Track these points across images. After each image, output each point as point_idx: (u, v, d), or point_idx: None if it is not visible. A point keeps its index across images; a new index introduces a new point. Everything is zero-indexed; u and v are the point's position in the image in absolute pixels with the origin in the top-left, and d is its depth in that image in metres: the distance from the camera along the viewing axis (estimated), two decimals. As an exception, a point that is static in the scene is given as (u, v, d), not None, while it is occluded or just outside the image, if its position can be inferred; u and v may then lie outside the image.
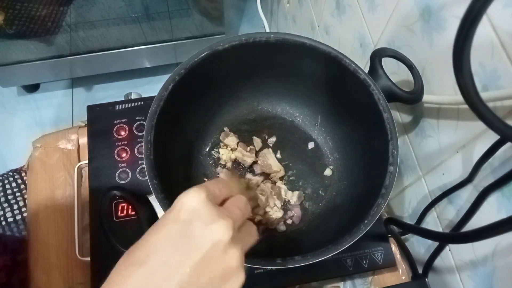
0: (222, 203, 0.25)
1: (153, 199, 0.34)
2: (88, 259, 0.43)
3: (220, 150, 0.48)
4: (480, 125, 0.29)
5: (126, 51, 0.96)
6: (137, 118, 0.50)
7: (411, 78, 0.37)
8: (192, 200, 0.22)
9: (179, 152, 0.44)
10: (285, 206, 0.45)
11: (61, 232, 0.48)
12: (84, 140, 0.52)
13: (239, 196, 0.26)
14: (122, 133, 0.49)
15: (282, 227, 0.44)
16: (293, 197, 0.45)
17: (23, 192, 0.90)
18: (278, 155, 0.48)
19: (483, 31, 0.28)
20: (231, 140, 0.47)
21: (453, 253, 0.37)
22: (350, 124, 0.45)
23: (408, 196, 0.45)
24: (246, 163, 0.47)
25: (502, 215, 0.29)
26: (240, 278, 0.22)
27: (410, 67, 0.38)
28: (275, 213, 0.44)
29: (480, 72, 0.29)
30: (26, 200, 0.84)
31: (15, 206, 0.89)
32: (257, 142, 0.49)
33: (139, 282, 0.20)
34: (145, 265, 0.20)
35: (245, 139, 0.49)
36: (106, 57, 0.96)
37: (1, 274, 0.45)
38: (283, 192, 0.45)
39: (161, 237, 0.21)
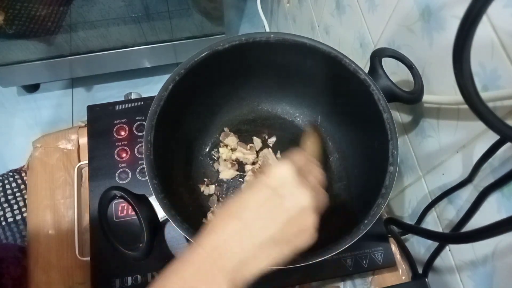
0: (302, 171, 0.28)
1: (153, 199, 0.34)
2: (88, 259, 0.43)
3: (220, 149, 0.48)
4: (480, 125, 0.29)
5: (126, 51, 0.96)
6: (137, 118, 0.50)
7: (411, 78, 0.37)
8: (284, 171, 0.26)
9: (179, 152, 0.44)
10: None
11: (61, 232, 0.48)
12: (84, 140, 0.52)
13: (317, 169, 0.30)
14: (122, 133, 0.49)
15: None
16: None
17: (23, 192, 0.91)
18: (278, 155, 0.48)
19: (483, 31, 0.28)
20: (231, 140, 0.47)
21: (453, 253, 0.37)
22: (350, 124, 0.45)
23: (408, 196, 0.45)
24: (248, 161, 0.47)
25: (502, 215, 0.29)
26: (312, 234, 0.26)
27: (410, 67, 0.38)
28: None
29: (480, 72, 0.29)
30: (26, 200, 0.84)
31: (15, 206, 0.89)
32: (257, 142, 0.49)
33: (237, 230, 0.24)
34: (241, 219, 0.24)
35: (245, 139, 0.49)
36: (106, 57, 0.96)
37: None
38: None
39: (256, 197, 0.25)
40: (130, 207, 0.45)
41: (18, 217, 0.88)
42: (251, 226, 0.24)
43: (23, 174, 0.92)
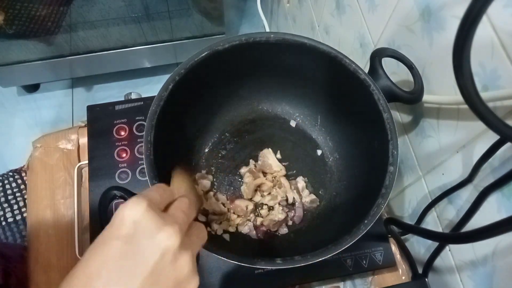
0: (165, 209, 0.23)
1: (153, 199, 0.34)
2: (88, 259, 0.43)
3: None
4: (480, 125, 0.29)
5: (126, 51, 0.96)
6: (137, 118, 0.50)
7: (411, 78, 0.37)
8: (132, 211, 0.20)
9: (179, 152, 0.44)
10: (287, 207, 0.45)
11: (61, 232, 0.48)
12: (84, 140, 0.52)
13: (181, 198, 0.25)
14: (122, 133, 0.49)
15: (284, 230, 0.44)
16: (307, 197, 0.45)
17: (23, 192, 0.91)
18: (278, 155, 0.48)
19: (483, 31, 0.28)
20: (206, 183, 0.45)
21: (453, 253, 0.37)
22: (350, 124, 0.45)
23: (408, 196, 0.45)
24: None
25: (502, 215, 0.29)
26: (194, 282, 0.21)
27: (410, 67, 0.38)
28: (278, 214, 0.44)
29: (480, 72, 0.29)
30: (26, 200, 0.84)
31: (15, 206, 0.89)
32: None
33: None
34: None
35: (245, 141, 0.49)
36: (106, 57, 0.96)
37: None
38: (291, 193, 0.45)
39: (103, 258, 0.20)
40: (130, 207, 0.45)
41: (18, 217, 0.88)
42: None
43: (23, 174, 0.92)
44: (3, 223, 0.87)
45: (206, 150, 0.48)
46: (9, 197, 0.90)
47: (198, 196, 0.35)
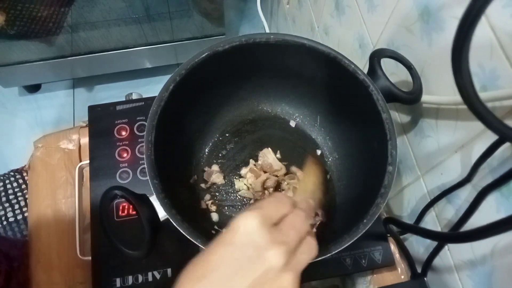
0: (280, 220, 0.25)
1: (153, 199, 0.34)
2: (89, 258, 0.43)
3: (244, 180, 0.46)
4: (479, 125, 0.29)
5: (127, 52, 0.96)
6: (138, 118, 0.51)
7: (410, 78, 0.38)
8: (247, 224, 0.23)
9: (180, 152, 0.45)
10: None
11: (62, 231, 0.48)
12: (85, 140, 0.52)
13: (298, 211, 0.26)
14: (123, 133, 0.50)
15: None
16: None
17: (24, 192, 0.91)
18: (278, 155, 0.48)
19: (482, 32, 0.28)
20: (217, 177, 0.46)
21: (452, 253, 0.37)
22: (349, 124, 0.45)
23: (407, 195, 0.45)
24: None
25: (501, 215, 0.30)
26: None
27: (409, 67, 0.38)
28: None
29: (479, 72, 0.29)
30: (27, 200, 0.84)
31: (16, 206, 0.90)
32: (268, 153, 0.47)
33: None
34: (207, 283, 0.22)
35: (244, 142, 0.49)
36: (107, 57, 0.97)
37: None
38: None
39: (219, 257, 0.22)
40: (131, 206, 0.45)
41: (19, 217, 0.88)
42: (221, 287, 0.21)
43: (24, 174, 0.93)
44: (4, 222, 0.87)
45: (207, 150, 0.49)
46: (10, 197, 0.90)
47: (319, 196, 0.34)
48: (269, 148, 0.48)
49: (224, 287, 0.21)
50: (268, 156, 0.47)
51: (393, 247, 0.46)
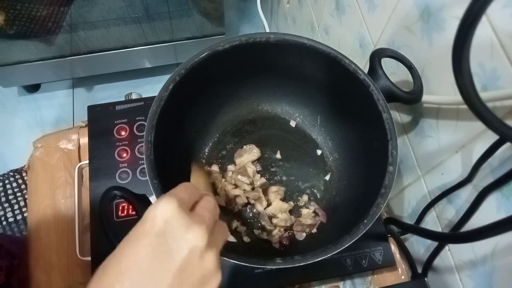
0: (192, 207, 0.25)
1: (153, 199, 0.34)
2: (89, 258, 0.43)
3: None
4: (479, 125, 0.29)
5: (127, 52, 0.96)
6: (138, 118, 0.51)
7: (410, 78, 0.38)
8: (163, 210, 0.22)
9: (180, 152, 0.45)
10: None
11: (61, 232, 0.48)
12: (84, 140, 0.52)
13: (207, 197, 0.26)
14: (123, 133, 0.50)
15: (302, 235, 0.43)
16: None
17: (23, 192, 0.91)
18: (278, 155, 0.48)
19: (482, 32, 0.28)
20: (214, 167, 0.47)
21: (453, 253, 0.37)
22: (349, 124, 0.45)
23: (408, 196, 0.45)
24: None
25: (502, 215, 0.30)
26: (218, 278, 0.23)
27: (410, 67, 0.38)
28: (307, 219, 0.43)
29: (480, 72, 0.29)
30: (26, 200, 0.84)
31: (16, 206, 0.90)
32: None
33: None
34: (128, 280, 0.20)
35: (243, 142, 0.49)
36: (106, 57, 0.96)
37: (0, 275, 0.45)
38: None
39: (136, 251, 0.21)
40: (130, 207, 0.45)
41: (19, 217, 0.88)
42: (143, 286, 0.20)
43: (24, 174, 0.92)
44: (4, 222, 0.87)
45: (207, 150, 0.49)
46: (10, 197, 0.90)
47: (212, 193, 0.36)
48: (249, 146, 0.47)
49: (146, 284, 0.20)
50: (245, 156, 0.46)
51: (393, 248, 0.46)
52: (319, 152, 0.49)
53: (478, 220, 0.32)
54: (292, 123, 0.51)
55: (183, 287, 0.21)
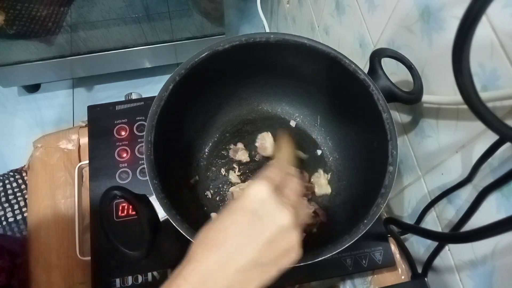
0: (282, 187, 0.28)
1: (153, 199, 0.34)
2: (89, 258, 0.43)
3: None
4: (479, 125, 0.29)
5: (127, 52, 0.96)
6: (138, 118, 0.51)
7: (410, 78, 0.38)
8: (259, 192, 0.26)
9: (180, 152, 0.45)
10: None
11: (61, 232, 0.48)
12: (84, 140, 0.52)
13: (294, 179, 0.29)
14: (123, 133, 0.50)
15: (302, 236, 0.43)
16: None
17: (23, 192, 0.91)
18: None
19: (482, 32, 0.28)
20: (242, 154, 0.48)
21: (453, 253, 0.37)
22: (349, 124, 0.45)
23: (408, 196, 0.45)
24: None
25: (502, 215, 0.30)
26: (297, 252, 0.26)
27: (410, 67, 0.38)
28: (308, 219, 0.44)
29: (480, 72, 0.29)
30: (26, 200, 0.84)
31: (16, 206, 0.89)
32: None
33: (219, 260, 0.24)
34: (220, 246, 0.24)
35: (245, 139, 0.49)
36: (106, 57, 0.96)
37: (1, 276, 0.45)
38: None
39: (234, 223, 0.25)
40: (130, 207, 0.45)
41: (19, 217, 0.88)
42: (233, 254, 0.24)
43: (24, 174, 0.92)
44: (4, 222, 0.87)
45: (207, 150, 0.49)
46: (10, 197, 0.90)
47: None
48: (268, 132, 0.48)
49: (238, 249, 0.24)
50: (267, 140, 0.47)
51: (393, 248, 0.46)
52: (319, 152, 0.49)
53: (478, 220, 0.32)
54: (292, 123, 0.51)
55: (269, 254, 0.25)
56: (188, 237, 0.32)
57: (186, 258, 0.25)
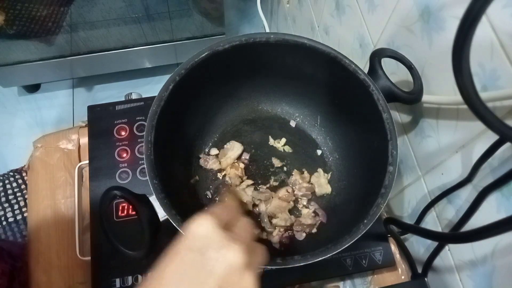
0: (229, 227, 0.25)
1: (153, 199, 0.34)
2: (89, 258, 0.43)
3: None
4: (479, 125, 0.29)
5: (127, 52, 0.96)
6: (138, 118, 0.51)
7: (410, 78, 0.38)
8: (202, 227, 0.23)
9: (180, 152, 0.45)
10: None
11: (61, 232, 0.48)
12: (84, 140, 0.52)
13: (244, 218, 0.27)
14: (123, 133, 0.50)
15: (302, 236, 0.43)
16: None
17: (23, 192, 0.91)
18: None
19: (482, 32, 0.28)
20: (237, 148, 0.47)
21: (453, 253, 0.37)
22: (349, 124, 0.45)
23: (408, 196, 0.45)
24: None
25: (502, 215, 0.30)
26: None
27: (410, 67, 0.38)
28: (307, 219, 0.44)
29: (480, 72, 0.29)
30: (26, 200, 0.84)
31: (16, 206, 0.89)
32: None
33: None
34: None
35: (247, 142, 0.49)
36: (106, 57, 0.96)
37: (3, 279, 0.45)
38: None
39: (176, 266, 0.22)
40: (130, 207, 0.45)
41: (19, 217, 0.88)
42: None
43: (24, 174, 0.92)
44: (4, 222, 0.87)
45: (207, 150, 0.49)
46: (10, 197, 0.90)
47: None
48: (241, 146, 0.48)
49: None
50: (234, 150, 0.47)
51: (393, 248, 0.46)
52: (319, 152, 0.49)
53: (478, 220, 0.32)
54: (292, 123, 0.51)
55: None
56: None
57: None
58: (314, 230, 0.43)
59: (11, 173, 0.93)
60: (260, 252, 0.26)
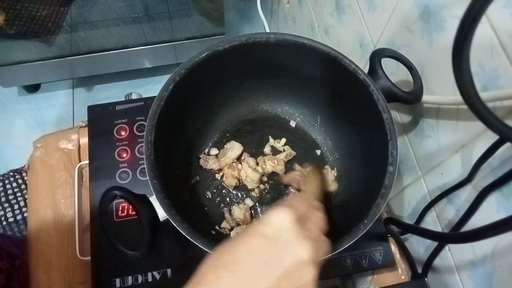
0: (304, 218, 0.27)
1: (153, 199, 0.34)
2: (89, 258, 0.43)
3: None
4: (479, 125, 0.29)
5: (127, 52, 0.96)
6: (138, 118, 0.51)
7: (410, 78, 0.38)
8: (280, 219, 0.24)
9: (180, 152, 0.45)
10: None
11: (61, 232, 0.48)
12: (84, 140, 0.52)
13: (318, 213, 0.28)
14: (123, 133, 0.50)
15: None
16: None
17: (23, 192, 0.91)
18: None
19: (482, 32, 0.28)
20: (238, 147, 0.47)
21: (453, 253, 0.37)
22: (349, 124, 0.45)
23: (408, 196, 0.45)
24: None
25: (502, 215, 0.30)
26: None
27: (410, 67, 0.38)
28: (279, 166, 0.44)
29: (480, 72, 0.29)
30: (26, 200, 0.84)
31: (16, 206, 0.90)
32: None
33: (231, 286, 0.22)
34: (234, 272, 0.22)
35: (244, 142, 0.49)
36: (106, 57, 0.96)
37: (0, 278, 0.45)
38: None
39: (249, 248, 0.23)
40: (130, 207, 0.45)
41: (19, 217, 0.88)
42: (247, 282, 0.22)
43: (24, 174, 0.93)
44: (4, 222, 0.87)
45: (207, 150, 0.49)
46: (10, 197, 0.90)
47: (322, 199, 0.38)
48: (241, 146, 0.48)
49: (253, 277, 0.22)
50: (234, 150, 0.47)
51: (393, 248, 0.46)
52: (319, 152, 0.49)
53: (478, 220, 0.32)
54: (292, 123, 0.51)
55: None
56: (188, 237, 0.32)
57: (196, 277, 0.23)
58: None
59: (11, 173, 0.93)
60: (325, 247, 0.27)
